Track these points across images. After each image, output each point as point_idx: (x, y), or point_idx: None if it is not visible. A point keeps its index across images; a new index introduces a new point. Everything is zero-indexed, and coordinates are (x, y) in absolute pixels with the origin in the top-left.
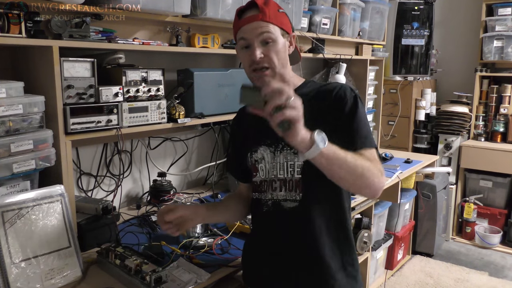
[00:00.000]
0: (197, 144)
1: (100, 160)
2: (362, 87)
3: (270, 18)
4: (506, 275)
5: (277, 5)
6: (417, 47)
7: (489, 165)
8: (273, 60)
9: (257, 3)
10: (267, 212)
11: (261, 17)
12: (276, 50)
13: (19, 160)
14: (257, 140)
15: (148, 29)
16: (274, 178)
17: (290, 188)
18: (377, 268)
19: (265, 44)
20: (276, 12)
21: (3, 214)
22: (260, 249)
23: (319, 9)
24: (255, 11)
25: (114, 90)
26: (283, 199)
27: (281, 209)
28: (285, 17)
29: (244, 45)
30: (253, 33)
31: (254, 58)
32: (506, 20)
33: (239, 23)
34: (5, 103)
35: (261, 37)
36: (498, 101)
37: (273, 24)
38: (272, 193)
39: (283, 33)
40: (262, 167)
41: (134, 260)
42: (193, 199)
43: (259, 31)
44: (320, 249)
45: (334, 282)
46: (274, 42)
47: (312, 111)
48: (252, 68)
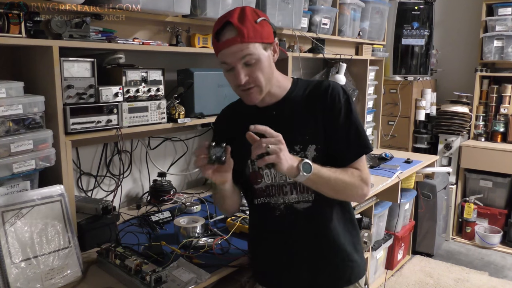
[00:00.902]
0: (197, 144)
1: (100, 160)
2: (362, 87)
3: (249, 38)
4: (506, 275)
5: (253, 16)
6: (417, 47)
7: (489, 165)
8: (258, 79)
9: (232, 23)
10: (280, 215)
11: (240, 40)
12: (260, 69)
13: (19, 160)
14: None
15: (148, 29)
16: (284, 183)
17: (302, 190)
18: (377, 268)
19: (248, 65)
20: (254, 27)
21: (3, 214)
22: (276, 251)
23: (319, 9)
24: (232, 32)
25: (114, 90)
26: (295, 201)
27: (295, 211)
28: (264, 26)
29: (227, 68)
30: (234, 57)
31: (239, 82)
32: (506, 20)
33: (218, 46)
34: (5, 103)
35: (242, 60)
36: (498, 101)
37: (253, 42)
38: (283, 197)
39: (265, 47)
40: (267, 173)
41: (134, 260)
42: (193, 199)
43: (240, 55)
44: (336, 237)
45: (353, 263)
46: (257, 61)
47: (307, 110)
48: (240, 89)
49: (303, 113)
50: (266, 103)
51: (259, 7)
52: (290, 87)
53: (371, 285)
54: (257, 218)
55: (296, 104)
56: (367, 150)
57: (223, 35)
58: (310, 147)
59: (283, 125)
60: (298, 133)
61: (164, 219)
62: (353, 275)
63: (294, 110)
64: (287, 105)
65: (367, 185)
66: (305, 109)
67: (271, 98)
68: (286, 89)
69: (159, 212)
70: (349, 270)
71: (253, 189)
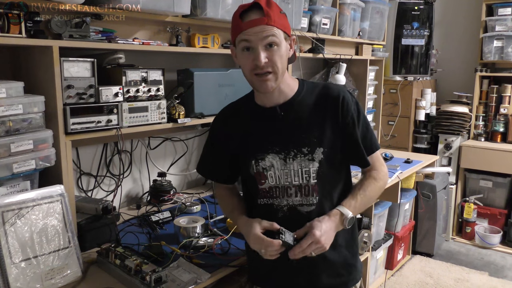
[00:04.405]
0: (197, 144)
1: (100, 160)
2: (362, 87)
3: (275, 22)
4: (506, 275)
5: (278, 7)
6: (417, 47)
7: (489, 165)
8: (276, 65)
9: (261, 4)
10: (283, 217)
11: (267, 21)
12: (280, 54)
13: (19, 160)
14: (263, 147)
15: (148, 29)
16: (289, 185)
17: (306, 193)
18: (377, 268)
19: (268, 48)
20: (279, 15)
21: (3, 214)
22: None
23: (319, 9)
24: (259, 13)
25: (114, 90)
26: (299, 204)
27: (298, 213)
28: (286, 19)
29: (245, 46)
30: (257, 37)
31: (259, 63)
32: (506, 20)
33: (242, 25)
34: (5, 103)
35: (265, 41)
36: (498, 101)
37: (277, 27)
38: (287, 199)
39: (285, 37)
40: (272, 174)
41: (134, 260)
42: (193, 199)
43: (264, 35)
44: (336, 241)
45: (351, 267)
46: (278, 46)
47: (316, 114)
48: (254, 72)
49: (311, 117)
50: (274, 102)
51: None
52: (297, 88)
53: (371, 285)
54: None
55: (305, 106)
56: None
57: (249, 15)
58: (317, 150)
59: (291, 126)
60: (305, 136)
61: (164, 219)
62: (351, 279)
63: (303, 112)
64: (296, 106)
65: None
66: (314, 112)
67: (279, 96)
68: (294, 90)
69: (159, 212)
70: (347, 274)
71: (257, 188)
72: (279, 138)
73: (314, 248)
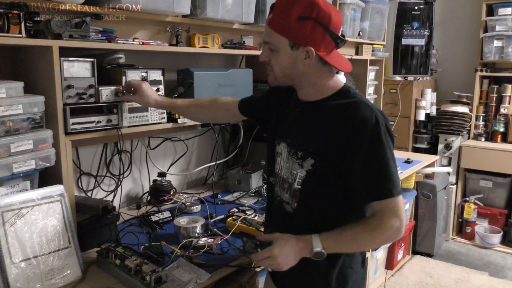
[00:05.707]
0: (197, 144)
1: (100, 160)
2: (362, 87)
3: (277, 27)
4: (506, 275)
5: (299, 12)
6: (417, 47)
7: (489, 165)
8: (273, 68)
9: (272, 5)
10: (276, 206)
11: (269, 23)
12: (277, 61)
13: (19, 160)
14: (283, 133)
15: (148, 29)
16: (286, 179)
17: (292, 194)
18: (377, 268)
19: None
20: (288, 21)
21: (3, 214)
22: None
23: None
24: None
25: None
26: (286, 202)
27: (284, 210)
28: (306, 27)
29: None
30: (263, 35)
31: (259, 59)
32: (506, 20)
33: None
34: (5, 103)
35: (264, 41)
36: (498, 101)
37: (278, 33)
38: (281, 191)
39: (292, 45)
40: (279, 161)
41: (134, 260)
42: (193, 199)
43: (263, 35)
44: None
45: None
46: (275, 52)
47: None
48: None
49: (321, 126)
50: (302, 98)
51: (259, 6)
52: (330, 95)
53: (371, 285)
54: (267, 195)
55: (322, 114)
56: (388, 195)
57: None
58: (308, 160)
59: (302, 126)
60: (306, 141)
61: (164, 219)
62: None
63: (319, 118)
64: (317, 110)
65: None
66: (328, 124)
67: (307, 95)
68: (326, 94)
69: (159, 212)
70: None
71: (273, 166)
72: (292, 132)
73: (269, 263)
